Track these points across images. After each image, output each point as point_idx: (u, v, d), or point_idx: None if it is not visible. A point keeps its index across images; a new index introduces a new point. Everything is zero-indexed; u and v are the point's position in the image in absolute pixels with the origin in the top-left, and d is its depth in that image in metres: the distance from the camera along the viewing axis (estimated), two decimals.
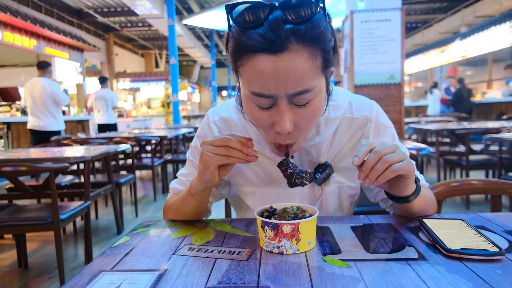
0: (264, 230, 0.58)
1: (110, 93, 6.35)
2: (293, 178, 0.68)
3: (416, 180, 0.67)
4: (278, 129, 0.61)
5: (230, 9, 0.59)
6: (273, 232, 0.56)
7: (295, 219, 0.58)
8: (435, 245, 0.55)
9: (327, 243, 0.60)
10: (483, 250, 0.50)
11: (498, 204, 0.96)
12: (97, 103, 6.20)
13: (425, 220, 0.64)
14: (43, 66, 4.57)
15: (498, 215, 0.70)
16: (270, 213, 0.62)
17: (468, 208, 3.23)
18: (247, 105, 0.65)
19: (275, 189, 0.80)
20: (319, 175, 0.75)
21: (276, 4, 0.57)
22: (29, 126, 4.59)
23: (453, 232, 0.58)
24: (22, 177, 2.87)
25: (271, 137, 0.66)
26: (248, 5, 0.57)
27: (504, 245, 0.55)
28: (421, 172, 3.70)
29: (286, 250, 0.56)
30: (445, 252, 0.52)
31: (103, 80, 6.29)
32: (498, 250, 0.50)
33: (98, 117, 6.26)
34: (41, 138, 4.49)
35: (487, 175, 3.65)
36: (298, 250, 0.57)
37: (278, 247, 0.56)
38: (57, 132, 4.69)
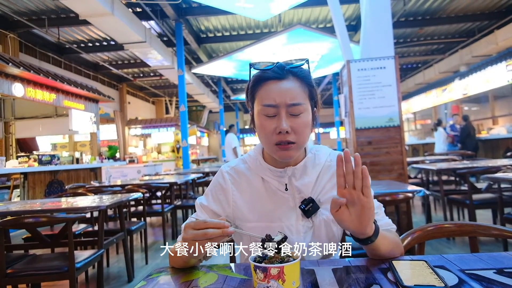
0: (256, 273, 0.70)
1: (230, 137, 8.80)
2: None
3: (375, 222, 0.80)
4: (279, 128, 0.88)
5: (251, 65, 0.96)
6: (263, 274, 0.68)
7: (281, 263, 0.70)
8: (397, 282, 0.66)
9: (309, 283, 0.72)
10: (431, 285, 0.61)
11: (475, 245, 1.05)
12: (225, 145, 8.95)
13: (394, 262, 0.75)
14: (231, 127, 9.10)
15: (460, 256, 0.80)
16: (261, 258, 0.74)
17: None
18: (258, 118, 0.92)
19: (275, 223, 0.96)
20: (303, 206, 0.94)
21: (280, 61, 0.94)
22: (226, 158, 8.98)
23: (413, 271, 0.69)
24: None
25: (274, 140, 0.90)
26: (264, 62, 0.95)
27: (454, 281, 0.66)
28: (429, 213, 3.67)
29: None
30: None
31: (229, 127, 9.18)
32: (443, 285, 0.61)
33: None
34: None
35: (494, 214, 3.65)
36: None
37: (267, 287, 0.68)
38: None
